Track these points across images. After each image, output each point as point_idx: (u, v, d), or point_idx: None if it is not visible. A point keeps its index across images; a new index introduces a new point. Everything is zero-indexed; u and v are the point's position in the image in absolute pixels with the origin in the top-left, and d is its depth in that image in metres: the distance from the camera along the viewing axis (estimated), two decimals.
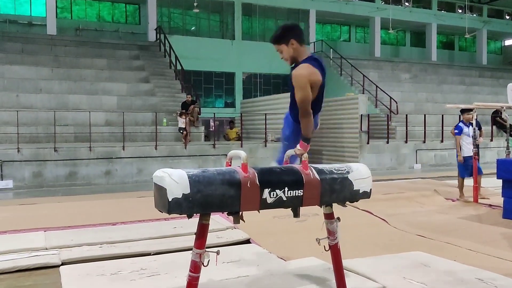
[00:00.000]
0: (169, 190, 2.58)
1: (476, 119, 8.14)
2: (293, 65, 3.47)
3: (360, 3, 25.85)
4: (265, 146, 14.78)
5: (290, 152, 3.31)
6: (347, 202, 3.22)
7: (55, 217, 6.68)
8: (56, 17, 20.55)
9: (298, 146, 3.38)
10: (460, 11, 28.32)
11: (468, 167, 8.23)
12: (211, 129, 18.80)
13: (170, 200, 2.58)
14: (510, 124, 9.23)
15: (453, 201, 8.16)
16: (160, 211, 2.74)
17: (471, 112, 8.19)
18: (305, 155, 3.13)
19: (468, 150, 8.26)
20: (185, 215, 2.71)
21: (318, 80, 3.34)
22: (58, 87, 15.66)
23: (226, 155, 3.23)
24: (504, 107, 8.46)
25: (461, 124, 8.44)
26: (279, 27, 3.43)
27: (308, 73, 3.29)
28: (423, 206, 7.66)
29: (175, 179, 2.60)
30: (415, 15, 26.98)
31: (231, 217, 2.93)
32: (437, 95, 22.62)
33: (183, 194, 2.59)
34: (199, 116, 15.61)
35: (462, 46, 31.31)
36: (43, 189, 11.41)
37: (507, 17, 30.78)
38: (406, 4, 26.73)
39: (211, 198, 2.66)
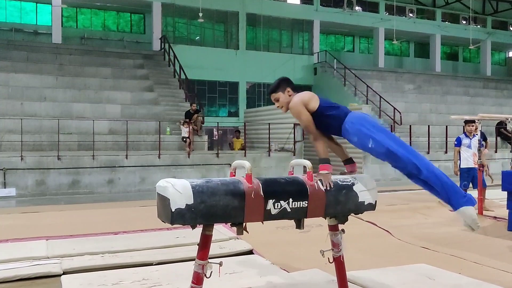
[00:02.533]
0: (173, 201, 2.55)
1: (480, 130, 8.09)
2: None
3: (364, 13, 25.90)
4: (269, 155, 14.76)
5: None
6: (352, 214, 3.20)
7: (57, 226, 6.67)
8: (62, 26, 20.65)
9: (319, 171, 3.19)
10: (464, 22, 28.31)
11: (465, 179, 8.16)
12: (214, 138, 18.78)
13: (173, 210, 2.55)
14: None
15: None
16: (163, 222, 2.71)
17: (473, 124, 8.14)
18: (309, 164, 3.11)
19: (466, 161, 8.18)
20: (188, 226, 2.68)
21: (310, 96, 3.48)
22: (63, 95, 15.71)
23: (230, 164, 3.22)
24: (509, 119, 8.42)
25: (461, 136, 8.40)
26: (276, 80, 3.67)
27: (298, 99, 3.44)
28: (428, 218, 7.60)
29: (179, 190, 2.57)
30: (419, 26, 27.01)
31: (234, 228, 2.90)
32: (441, 106, 22.58)
33: (186, 204, 2.56)
34: (203, 125, 15.63)
35: (466, 57, 31.29)
36: (45, 197, 11.39)
37: (511, 29, 30.79)
38: (410, 15, 26.77)
39: (214, 209, 2.64)
